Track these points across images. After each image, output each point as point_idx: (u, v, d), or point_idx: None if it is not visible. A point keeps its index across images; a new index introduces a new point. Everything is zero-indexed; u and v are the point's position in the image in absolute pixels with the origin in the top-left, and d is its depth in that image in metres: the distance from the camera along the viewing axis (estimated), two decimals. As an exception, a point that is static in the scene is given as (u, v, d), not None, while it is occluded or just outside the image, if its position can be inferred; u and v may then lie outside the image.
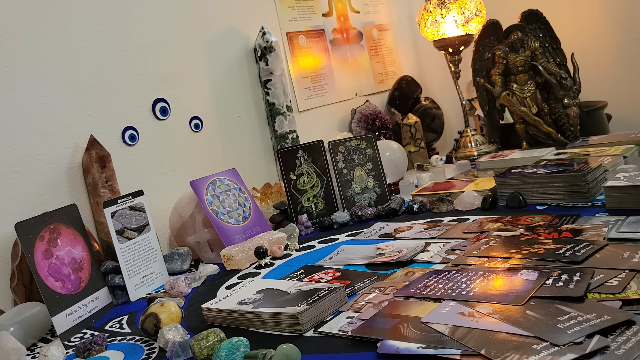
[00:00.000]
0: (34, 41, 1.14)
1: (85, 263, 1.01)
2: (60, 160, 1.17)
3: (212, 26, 1.51)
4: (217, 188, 1.24)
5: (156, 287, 1.09)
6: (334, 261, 1.01)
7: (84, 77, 1.22)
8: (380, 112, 1.86)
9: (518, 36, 1.58)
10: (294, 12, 1.76)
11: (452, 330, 0.63)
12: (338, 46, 1.90)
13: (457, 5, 1.72)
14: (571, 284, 0.68)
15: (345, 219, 1.27)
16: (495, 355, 0.55)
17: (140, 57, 1.33)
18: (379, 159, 1.39)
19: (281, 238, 1.16)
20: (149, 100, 1.34)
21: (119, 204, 1.07)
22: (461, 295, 0.71)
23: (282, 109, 1.58)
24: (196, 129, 1.44)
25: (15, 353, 0.82)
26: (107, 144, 1.21)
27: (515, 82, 1.60)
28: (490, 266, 0.81)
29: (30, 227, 0.92)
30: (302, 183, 1.33)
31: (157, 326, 0.80)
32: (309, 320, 0.73)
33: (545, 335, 0.57)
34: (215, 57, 1.51)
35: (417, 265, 0.90)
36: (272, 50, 1.55)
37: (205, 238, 1.20)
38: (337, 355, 0.65)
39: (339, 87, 1.87)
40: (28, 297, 1.03)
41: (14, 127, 1.10)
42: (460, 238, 0.99)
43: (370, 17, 2.06)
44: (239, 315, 0.79)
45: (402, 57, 2.19)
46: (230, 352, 0.66)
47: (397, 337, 0.64)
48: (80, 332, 0.92)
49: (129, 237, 1.07)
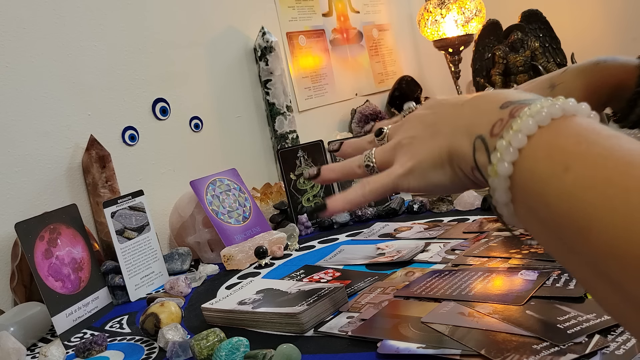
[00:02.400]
0: (34, 41, 1.14)
1: (85, 263, 1.01)
2: (60, 160, 1.17)
3: (212, 26, 1.51)
4: (217, 188, 1.24)
5: (156, 287, 1.09)
6: (334, 261, 1.01)
7: (84, 77, 1.22)
8: (380, 112, 1.86)
9: (518, 36, 1.58)
10: (294, 12, 1.76)
11: (452, 330, 0.63)
12: (338, 46, 1.90)
13: (457, 5, 1.72)
14: (571, 284, 0.68)
15: (345, 219, 1.27)
16: (495, 355, 0.55)
17: (140, 57, 1.33)
18: (379, 159, 1.39)
19: (281, 238, 1.16)
20: (149, 100, 1.34)
21: (119, 204, 1.07)
22: (461, 295, 0.71)
23: (282, 109, 1.58)
24: (196, 129, 1.44)
25: (15, 353, 0.82)
26: (107, 144, 1.21)
27: (515, 82, 1.60)
28: (490, 266, 0.81)
29: (30, 227, 0.92)
30: (302, 183, 1.33)
31: (157, 326, 0.80)
32: (309, 320, 0.73)
33: (545, 335, 0.57)
34: (215, 57, 1.51)
35: (417, 265, 0.90)
36: (272, 50, 1.55)
37: (205, 238, 1.20)
38: (337, 355, 0.65)
39: (339, 87, 1.87)
40: (28, 297, 1.03)
41: (14, 127, 1.10)
42: (460, 238, 0.99)
43: (370, 17, 2.06)
44: (239, 315, 0.79)
45: (402, 57, 2.19)
46: (230, 352, 0.66)
47: (397, 337, 0.64)
48: (80, 332, 0.92)
49: (129, 237, 1.07)
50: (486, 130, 0.42)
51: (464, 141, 0.45)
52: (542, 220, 0.36)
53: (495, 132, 0.41)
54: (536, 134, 0.38)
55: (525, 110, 0.39)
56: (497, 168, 0.39)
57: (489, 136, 0.42)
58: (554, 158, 0.36)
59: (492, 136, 0.41)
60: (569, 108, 0.38)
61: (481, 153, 0.43)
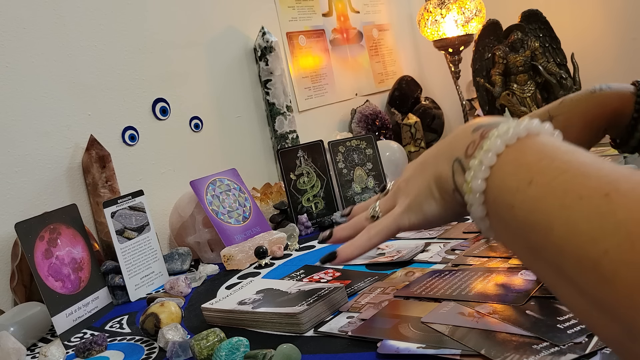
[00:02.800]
0: (34, 41, 1.14)
1: (85, 263, 1.01)
2: (60, 160, 1.17)
3: (212, 26, 1.51)
4: (217, 188, 1.24)
5: (156, 287, 1.09)
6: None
7: (84, 77, 1.22)
8: (380, 112, 1.86)
9: (518, 36, 1.58)
10: (294, 12, 1.76)
11: (452, 330, 0.63)
12: (338, 46, 1.90)
13: (457, 5, 1.72)
14: (571, 284, 0.68)
15: (346, 219, 1.26)
16: (495, 355, 0.55)
17: (140, 57, 1.33)
18: (379, 159, 1.39)
19: (281, 238, 1.16)
20: (149, 100, 1.34)
21: (119, 204, 1.07)
22: (461, 295, 0.71)
23: (282, 109, 1.58)
24: (196, 129, 1.44)
25: (15, 353, 0.82)
26: (107, 144, 1.21)
27: (515, 82, 1.60)
28: (490, 266, 0.81)
29: (30, 227, 0.92)
30: (302, 183, 1.33)
31: (157, 326, 0.80)
32: (309, 320, 0.73)
33: (545, 335, 0.57)
34: (215, 57, 1.51)
35: (417, 265, 0.90)
36: (272, 50, 1.55)
37: (205, 238, 1.20)
38: (337, 355, 0.65)
39: (339, 87, 1.87)
40: (28, 297, 1.03)
41: (14, 127, 1.10)
42: (460, 238, 0.99)
43: (370, 17, 2.06)
44: (239, 315, 0.79)
45: (402, 57, 2.19)
46: (230, 352, 0.66)
47: (397, 337, 0.64)
48: (80, 332, 0.92)
49: (129, 237, 1.07)
50: (462, 152, 0.47)
51: (445, 166, 0.49)
52: (512, 231, 0.40)
53: (469, 152, 0.45)
54: (504, 152, 0.42)
55: (494, 131, 0.43)
56: (471, 185, 0.43)
57: (465, 157, 0.46)
58: (519, 174, 0.39)
59: (467, 157, 0.46)
60: (533, 128, 0.42)
61: (459, 174, 0.47)
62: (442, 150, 0.52)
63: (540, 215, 0.36)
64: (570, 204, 0.35)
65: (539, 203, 0.37)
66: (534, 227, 0.37)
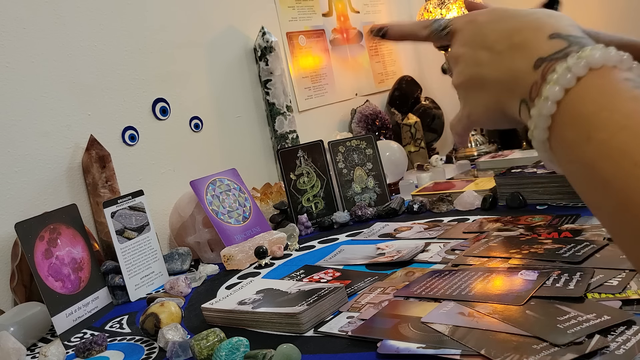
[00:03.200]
0: (34, 41, 1.14)
1: (85, 263, 1.01)
2: (60, 160, 1.17)
3: (212, 26, 1.51)
4: (217, 188, 1.24)
5: (156, 287, 1.09)
6: (334, 261, 1.01)
7: (84, 77, 1.22)
8: (380, 112, 1.86)
9: (518, 36, 1.58)
10: (294, 12, 1.76)
11: (452, 330, 0.63)
12: (338, 46, 1.90)
13: (457, 5, 1.72)
14: (571, 284, 0.68)
15: (345, 219, 1.27)
16: (495, 355, 0.55)
17: (140, 57, 1.33)
18: (379, 159, 1.39)
19: (281, 238, 1.16)
20: (149, 100, 1.34)
21: (119, 204, 1.07)
22: (461, 295, 0.71)
23: (282, 109, 1.58)
24: (196, 129, 1.44)
25: (15, 353, 0.82)
26: (107, 144, 1.21)
27: (515, 82, 1.61)
28: (490, 266, 0.81)
29: (30, 227, 0.92)
30: (302, 183, 1.33)
31: (157, 326, 0.80)
32: (309, 320, 0.73)
33: (545, 335, 0.57)
34: (215, 57, 1.51)
35: (417, 265, 0.90)
36: (272, 50, 1.55)
37: (205, 238, 1.20)
38: (337, 355, 0.65)
39: (339, 87, 1.87)
40: (28, 297, 1.03)
41: (14, 127, 1.10)
42: (460, 238, 0.99)
43: (370, 17, 2.06)
44: (239, 315, 0.79)
45: (402, 57, 2.19)
46: (230, 352, 0.66)
47: (397, 337, 0.64)
48: (80, 332, 0.92)
49: (129, 237, 1.07)
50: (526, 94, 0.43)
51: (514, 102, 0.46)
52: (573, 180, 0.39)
53: (532, 96, 0.42)
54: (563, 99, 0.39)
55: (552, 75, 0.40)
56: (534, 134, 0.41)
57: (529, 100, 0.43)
58: (577, 127, 0.38)
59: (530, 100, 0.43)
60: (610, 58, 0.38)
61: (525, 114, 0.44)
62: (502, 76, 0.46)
63: (597, 177, 0.35)
64: (627, 169, 0.33)
65: (596, 162, 0.35)
66: (591, 184, 0.36)
